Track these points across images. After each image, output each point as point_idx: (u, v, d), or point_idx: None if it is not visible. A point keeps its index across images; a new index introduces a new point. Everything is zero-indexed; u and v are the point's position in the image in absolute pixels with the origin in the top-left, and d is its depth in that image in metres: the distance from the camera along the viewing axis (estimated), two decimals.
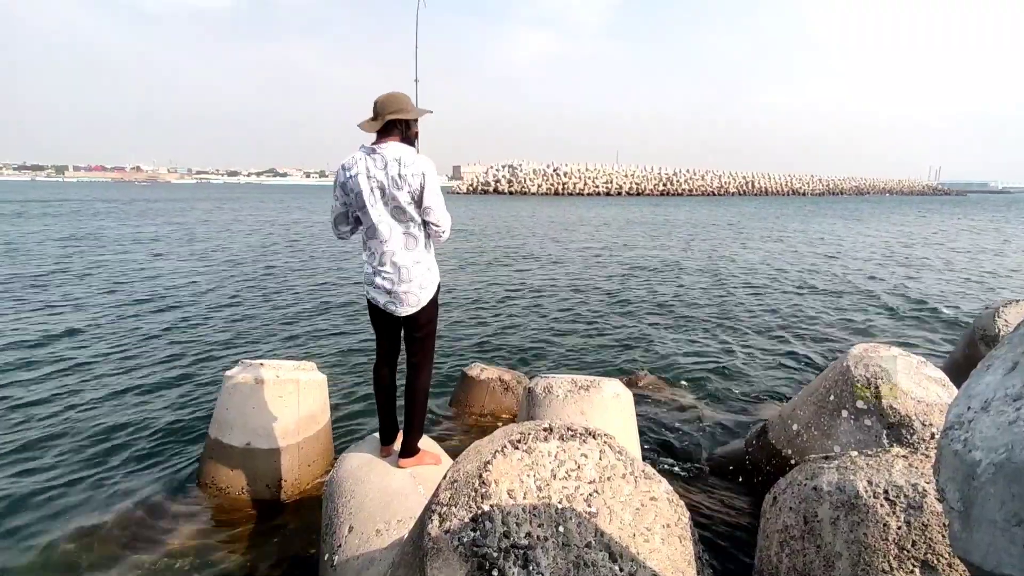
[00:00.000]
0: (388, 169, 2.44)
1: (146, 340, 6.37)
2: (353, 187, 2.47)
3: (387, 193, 2.45)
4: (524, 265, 12.94)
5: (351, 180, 2.48)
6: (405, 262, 2.53)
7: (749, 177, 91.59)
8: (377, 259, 2.55)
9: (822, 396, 3.45)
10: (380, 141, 2.51)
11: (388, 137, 2.51)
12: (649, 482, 1.41)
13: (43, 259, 12.57)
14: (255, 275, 11.04)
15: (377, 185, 2.46)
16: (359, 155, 2.51)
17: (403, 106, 2.53)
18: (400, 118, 2.51)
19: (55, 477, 3.55)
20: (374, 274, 2.56)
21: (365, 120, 2.54)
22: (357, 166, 2.48)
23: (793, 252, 15.91)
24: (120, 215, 27.86)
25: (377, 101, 2.53)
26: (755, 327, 7.37)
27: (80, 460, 3.75)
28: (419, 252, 2.56)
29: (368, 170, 2.46)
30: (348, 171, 2.50)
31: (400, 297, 2.55)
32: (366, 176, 2.46)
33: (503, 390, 4.79)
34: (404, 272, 2.53)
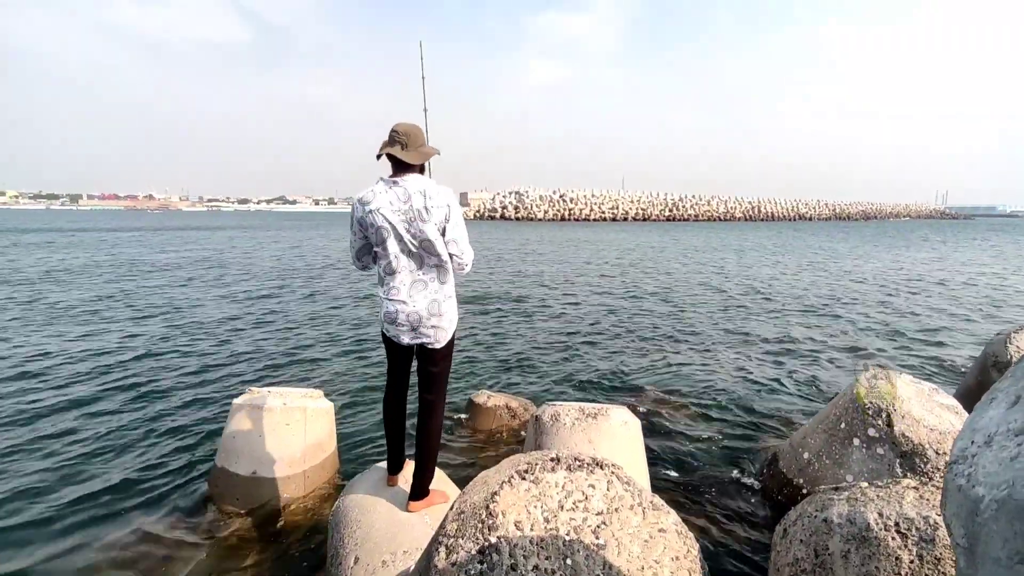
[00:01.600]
0: (412, 202, 2.36)
1: (155, 367, 6.40)
2: (373, 222, 2.38)
3: (412, 227, 2.37)
4: (532, 290, 12.96)
5: (371, 215, 2.38)
6: (432, 296, 2.46)
7: (755, 203, 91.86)
8: (400, 294, 2.45)
9: (833, 424, 3.41)
10: (400, 173, 2.44)
11: (408, 169, 2.45)
12: (658, 513, 1.40)
13: (67, 286, 12.73)
14: (265, 303, 11.11)
15: (401, 219, 2.36)
16: (379, 188, 2.41)
17: (424, 141, 2.50)
18: (425, 152, 2.48)
19: (59, 499, 3.54)
20: (396, 312, 2.46)
21: (393, 148, 2.41)
22: (377, 199, 2.39)
23: (802, 277, 15.86)
24: (139, 244, 28.24)
25: (401, 131, 2.43)
26: (764, 352, 7.32)
27: (86, 483, 3.74)
28: (443, 286, 2.50)
29: (391, 204, 2.37)
30: (367, 205, 2.39)
31: (427, 332, 2.47)
32: (389, 210, 2.37)
33: (510, 417, 4.76)
34: (433, 306, 2.46)
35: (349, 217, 2.52)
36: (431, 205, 2.39)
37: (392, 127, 2.46)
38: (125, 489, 3.73)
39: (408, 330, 2.48)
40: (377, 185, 2.44)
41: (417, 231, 2.39)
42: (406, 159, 2.42)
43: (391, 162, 2.47)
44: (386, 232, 2.39)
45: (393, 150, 2.42)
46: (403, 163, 2.44)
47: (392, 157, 2.43)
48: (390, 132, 2.46)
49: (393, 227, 2.38)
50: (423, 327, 2.48)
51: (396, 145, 2.42)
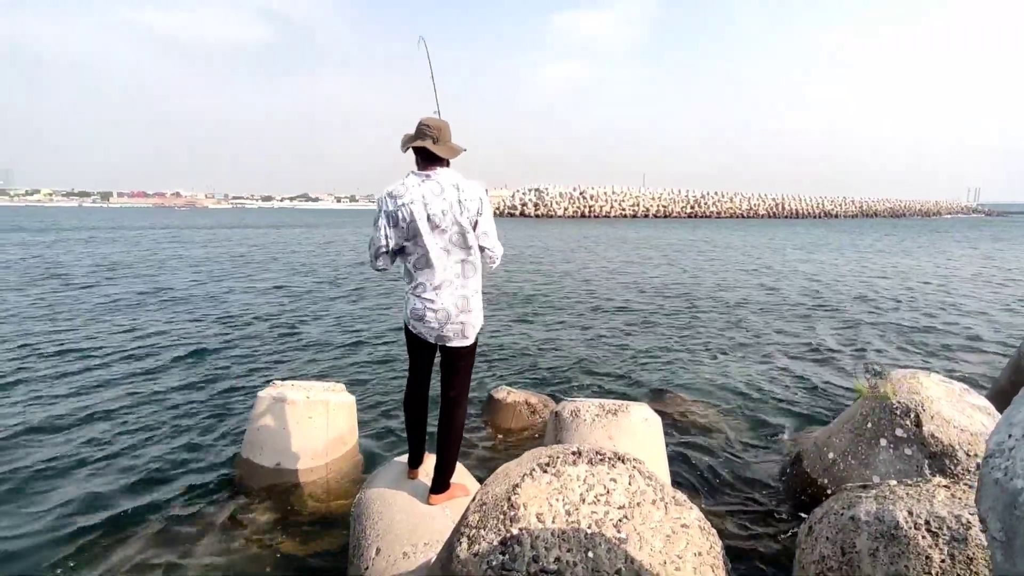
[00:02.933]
0: (446, 195, 2.36)
1: (183, 358, 6.54)
2: (406, 215, 2.34)
3: (445, 220, 2.35)
4: (551, 287, 12.93)
5: (403, 208, 2.35)
6: (463, 292, 2.44)
7: (779, 199, 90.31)
8: (429, 290, 2.42)
9: (859, 424, 3.35)
10: (430, 167, 2.42)
11: (437, 163, 2.44)
12: (680, 509, 1.39)
13: (110, 280, 13.09)
14: (291, 298, 11.28)
15: (435, 213, 2.34)
16: (412, 181, 2.39)
17: (451, 136, 2.49)
18: (455, 148, 2.48)
19: (86, 484, 3.65)
20: (424, 309, 2.43)
21: (424, 141, 2.39)
22: (409, 193, 2.36)
23: (827, 275, 15.56)
24: (170, 240, 28.85)
25: (432, 125, 2.41)
26: (788, 351, 7.20)
27: (115, 470, 3.85)
28: (474, 281, 2.49)
29: (424, 197, 2.35)
30: (398, 199, 2.36)
31: (456, 329, 2.45)
32: (422, 203, 2.35)
33: (530, 413, 4.77)
34: (463, 302, 2.44)
35: (374, 213, 2.46)
36: (464, 198, 2.39)
37: (421, 121, 2.45)
38: (153, 476, 3.82)
39: (436, 327, 2.46)
40: (408, 179, 2.42)
41: (450, 225, 2.37)
42: (439, 152, 2.42)
43: (419, 156, 2.46)
44: (419, 226, 2.35)
45: (425, 143, 2.40)
46: (434, 157, 2.43)
47: (424, 150, 2.42)
48: (418, 126, 2.44)
49: (427, 221, 2.35)
50: (451, 323, 2.45)
51: (427, 139, 2.41)
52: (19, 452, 4.11)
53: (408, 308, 2.50)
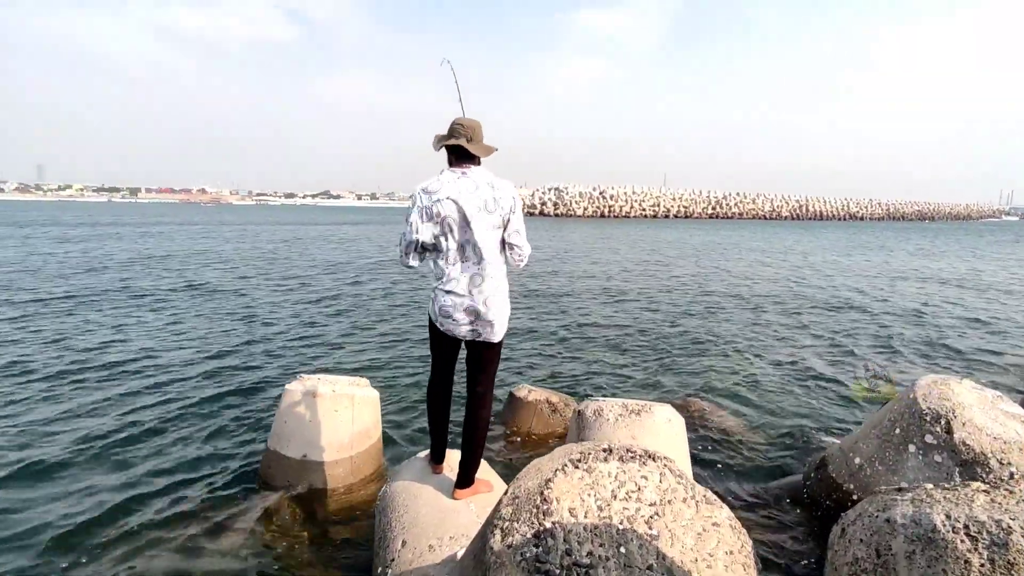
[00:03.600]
0: (481, 192, 2.40)
1: (213, 351, 6.68)
2: (440, 211, 2.38)
3: (479, 217, 2.40)
4: (573, 286, 12.92)
5: (439, 204, 2.39)
6: (492, 288, 2.47)
7: (803, 201, 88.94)
8: (460, 286, 2.44)
9: (887, 429, 3.30)
10: (464, 165, 2.47)
11: (470, 161, 2.49)
12: (711, 507, 1.39)
13: (143, 275, 13.42)
14: (316, 293, 11.44)
15: (470, 209, 2.39)
16: (447, 177, 2.44)
17: (483, 136, 2.54)
18: (488, 148, 2.53)
19: (118, 477, 3.75)
20: (453, 305, 2.45)
21: (459, 140, 2.44)
22: (445, 188, 2.40)
23: (855, 278, 15.29)
24: (203, 236, 29.40)
25: (466, 124, 2.47)
26: (813, 353, 7.11)
27: (144, 460, 3.95)
28: (502, 277, 2.53)
29: (459, 193, 2.39)
30: (433, 194, 2.40)
31: (485, 326, 2.48)
32: (457, 199, 2.39)
33: (551, 412, 4.78)
34: (492, 299, 2.47)
35: (408, 208, 2.48)
36: (497, 196, 2.44)
37: (454, 121, 2.51)
38: (182, 466, 3.92)
39: (465, 323, 2.48)
40: (444, 175, 2.47)
41: (483, 222, 2.42)
42: (474, 151, 2.47)
43: (453, 155, 2.51)
44: (453, 221, 2.40)
45: (459, 142, 2.45)
46: (467, 155, 2.48)
47: (458, 148, 2.47)
48: (452, 126, 2.50)
49: (461, 216, 2.39)
50: (480, 320, 2.48)
51: (462, 138, 2.46)
52: (48, 441, 4.24)
53: (436, 304, 2.51)
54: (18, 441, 4.20)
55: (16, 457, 3.95)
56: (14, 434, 4.31)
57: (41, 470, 3.81)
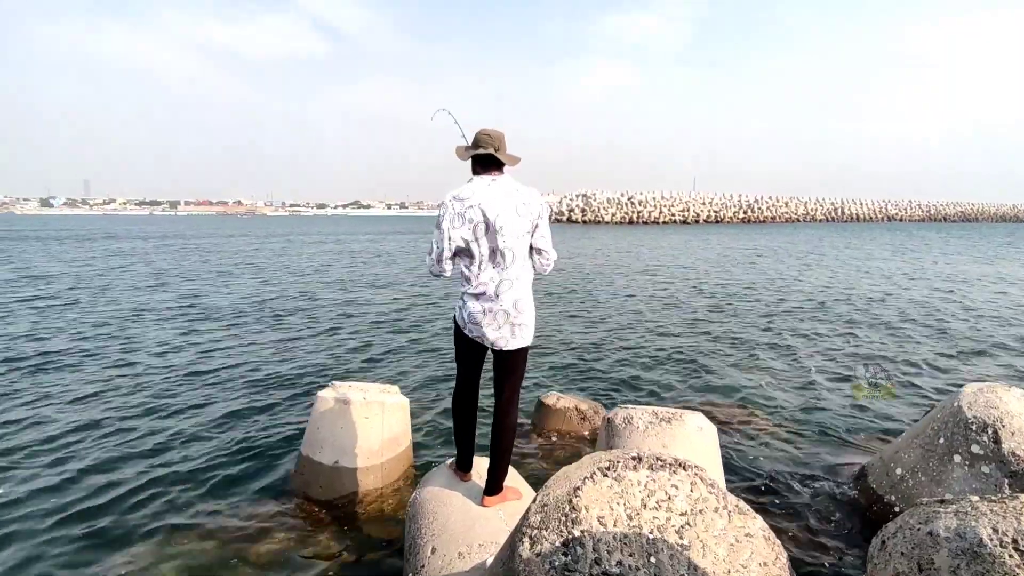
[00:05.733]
0: (511, 198, 2.46)
1: (250, 359, 6.85)
2: (474, 217, 2.42)
3: (508, 223, 2.44)
4: (601, 292, 12.84)
5: (471, 210, 2.43)
6: (520, 294, 2.51)
7: (838, 203, 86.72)
8: (489, 291, 2.47)
9: (930, 439, 3.19)
10: (492, 172, 2.52)
11: (495, 169, 2.54)
12: (744, 518, 1.37)
13: (177, 284, 13.89)
14: (348, 301, 11.64)
15: (501, 215, 2.43)
16: (478, 184, 2.49)
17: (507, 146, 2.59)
18: (514, 157, 2.58)
19: (155, 477, 3.87)
20: (483, 312, 2.48)
21: (488, 149, 2.49)
22: (477, 195, 2.44)
23: (895, 282, 14.81)
24: (253, 248, 30.26)
25: (493, 135, 2.52)
26: (850, 360, 6.90)
27: (182, 464, 4.07)
28: (529, 283, 2.57)
29: (490, 199, 2.44)
30: (465, 201, 2.44)
31: (514, 331, 2.51)
32: (489, 205, 2.43)
33: (580, 419, 4.75)
34: (520, 303, 2.51)
35: (438, 216, 2.51)
36: (526, 201, 2.49)
37: (480, 132, 2.56)
38: (218, 470, 4.02)
39: (494, 329, 2.50)
40: (474, 182, 2.51)
41: (512, 228, 2.46)
42: (504, 159, 2.52)
43: (479, 164, 2.55)
44: (484, 227, 2.44)
45: (489, 151, 2.51)
46: (495, 164, 2.53)
47: (488, 157, 2.52)
48: (479, 136, 2.54)
49: (493, 222, 2.43)
50: (508, 325, 2.50)
51: (490, 147, 2.51)
52: (85, 445, 4.38)
53: (464, 312, 2.54)
54: (64, 441, 4.37)
55: (62, 456, 4.11)
56: (60, 432, 4.48)
57: (83, 470, 3.95)
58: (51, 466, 4.03)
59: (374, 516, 3.43)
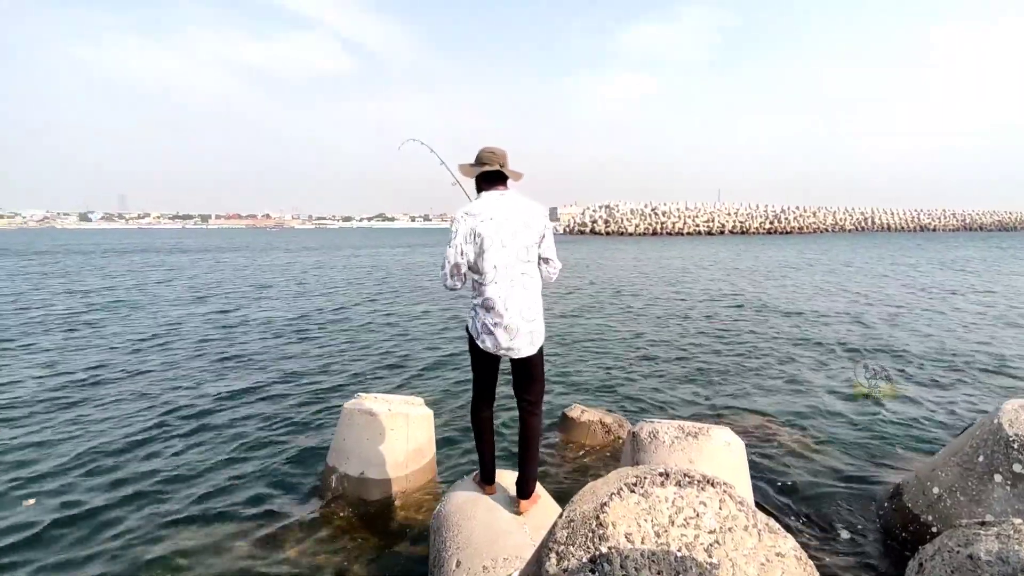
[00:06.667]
0: (519, 211, 2.56)
1: (278, 370, 6.97)
2: (485, 231, 2.50)
3: (517, 235, 2.54)
4: (624, 305, 12.76)
5: (483, 224, 2.51)
6: (529, 302, 2.58)
7: (868, 213, 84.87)
8: (498, 303, 2.53)
9: (968, 457, 3.08)
10: (498, 187, 2.64)
11: (501, 184, 2.65)
12: (774, 536, 1.34)
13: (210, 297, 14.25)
14: (376, 313, 11.78)
15: (512, 228, 2.53)
16: (487, 200, 2.58)
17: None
18: (517, 172, 2.69)
19: (183, 488, 3.94)
20: (495, 324, 2.54)
21: (494, 166, 2.61)
22: (489, 209, 2.54)
23: (931, 294, 14.40)
24: (288, 262, 30.90)
25: (499, 152, 2.63)
26: (885, 375, 6.72)
27: (209, 475, 4.14)
28: (538, 292, 2.65)
29: (501, 213, 2.54)
30: (477, 216, 2.53)
31: (525, 338, 2.58)
32: (500, 219, 2.53)
33: (604, 433, 4.71)
34: (532, 311, 2.58)
35: (451, 232, 2.59)
36: (533, 214, 2.60)
37: (484, 149, 2.66)
38: (247, 479, 4.08)
39: (509, 339, 2.56)
40: (484, 197, 2.61)
41: (520, 240, 2.56)
42: (510, 175, 2.65)
43: (485, 180, 2.65)
44: (495, 240, 2.52)
45: (494, 167, 2.62)
46: (502, 179, 2.65)
47: (495, 174, 2.64)
48: (483, 154, 2.65)
49: (504, 235, 2.52)
50: (523, 334, 2.57)
51: (495, 164, 2.63)
52: (125, 451, 4.51)
53: (478, 323, 2.61)
54: (108, 448, 4.50)
55: (103, 463, 4.23)
56: (104, 441, 4.61)
57: (120, 475, 4.06)
58: (92, 472, 4.15)
59: (399, 527, 3.45)
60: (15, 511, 3.62)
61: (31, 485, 3.96)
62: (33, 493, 3.84)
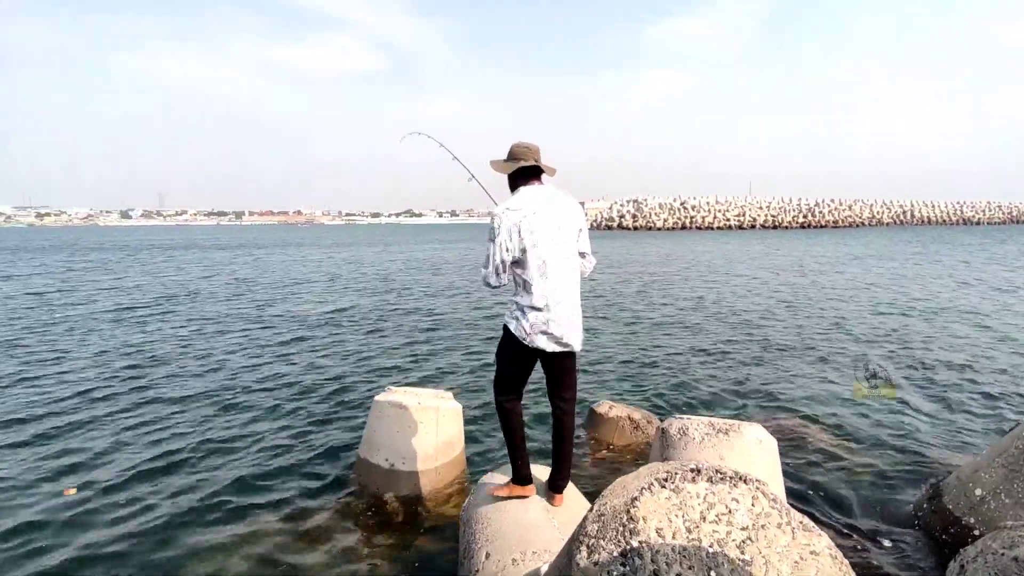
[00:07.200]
0: (557, 206, 2.55)
1: (317, 362, 7.15)
2: (529, 226, 2.46)
3: (560, 230, 2.53)
4: (651, 300, 12.64)
5: (525, 220, 2.46)
6: (574, 296, 2.58)
7: (907, 206, 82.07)
8: (549, 299, 2.49)
9: (1014, 458, 2.98)
10: (534, 182, 2.61)
11: (536, 180, 2.63)
12: (809, 535, 1.33)
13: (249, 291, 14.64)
14: (409, 310, 11.93)
15: (554, 222, 2.52)
16: (527, 195, 2.54)
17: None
18: (551, 167, 2.68)
19: (222, 474, 4.08)
20: (545, 323, 2.49)
21: (524, 162, 2.58)
22: (529, 205, 2.50)
23: (973, 289, 13.89)
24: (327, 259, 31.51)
25: (533, 147, 2.61)
26: (921, 372, 6.51)
27: (245, 465, 4.26)
28: (577, 290, 2.62)
29: (544, 208, 2.51)
30: (519, 212, 2.48)
31: (574, 334, 2.56)
32: (543, 214, 2.50)
33: (632, 429, 4.69)
34: (576, 306, 2.58)
35: (493, 229, 2.51)
36: (571, 208, 2.60)
37: (519, 144, 2.63)
38: (281, 469, 4.18)
39: (557, 335, 2.51)
40: (523, 193, 2.57)
41: (563, 234, 2.54)
42: (546, 170, 2.63)
43: (521, 175, 2.62)
44: (543, 236, 2.49)
45: (529, 162, 2.59)
46: (539, 174, 2.63)
47: (532, 168, 2.61)
48: (517, 149, 2.62)
49: (547, 229, 2.50)
50: (570, 330, 2.55)
51: (530, 159, 2.60)
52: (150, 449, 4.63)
53: (525, 322, 2.51)
54: (148, 439, 4.67)
55: (134, 449, 4.40)
56: (129, 424, 4.80)
57: (155, 470, 4.20)
58: (129, 461, 4.30)
59: (428, 519, 3.50)
60: (57, 498, 3.76)
61: (72, 474, 4.11)
62: (74, 482, 3.98)
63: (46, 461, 4.29)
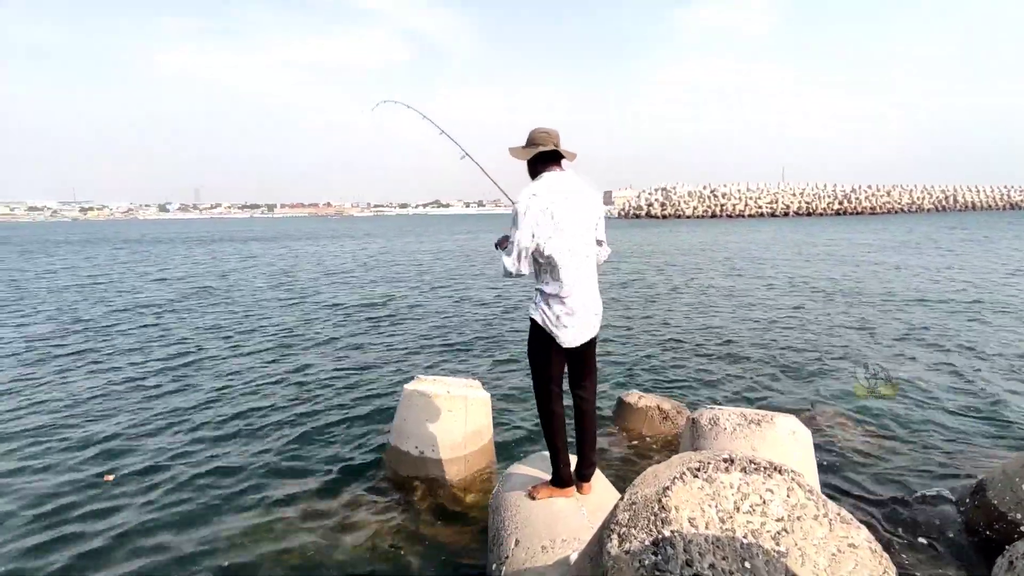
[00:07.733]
0: (579, 191, 2.52)
1: (350, 352, 7.29)
2: (553, 213, 2.42)
3: (582, 216, 2.50)
4: (680, 289, 12.47)
5: (553, 206, 2.43)
6: (594, 284, 2.57)
7: (949, 191, 78.90)
8: (572, 286, 2.46)
9: None
10: (551, 167, 2.55)
11: (556, 165, 2.57)
12: (847, 527, 1.29)
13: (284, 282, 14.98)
14: (439, 298, 12.06)
15: (577, 208, 2.49)
16: (549, 181, 2.49)
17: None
18: (571, 152, 2.63)
19: (258, 460, 4.19)
20: (572, 313, 2.47)
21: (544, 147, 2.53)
22: (551, 192, 2.46)
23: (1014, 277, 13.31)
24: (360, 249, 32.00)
25: (549, 132, 2.56)
26: (963, 362, 6.28)
27: (283, 447, 4.39)
28: (595, 277, 2.61)
29: (567, 195, 2.48)
30: (544, 197, 2.44)
31: (594, 322, 2.55)
32: (567, 201, 2.47)
33: (662, 419, 4.64)
34: (596, 293, 2.57)
35: (516, 216, 2.44)
36: (590, 195, 2.57)
37: (539, 129, 2.58)
38: (314, 456, 4.28)
39: (580, 325, 2.50)
40: (546, 179, 2.51)
41: (587, 219, 2.53)
42: (566, 155, 2.59)
43: (541, 161, 2.56)
44: (569, 222, 2.46)
45: (549, 147, 2.54)
46: (559, 159, 2.59)
47: (552, 153, 2.56)
48: (536, 135, 2.56)
49: (571, 216, 2.47)
50: (595, 311, 2.56)
51: (550, 144, 2.54)
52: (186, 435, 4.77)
53: (552, 313, 2.48)
54: (186, 425, 4.83)
55: (170, 437, 4.55)
56: (166, 411, 4.96)
57: (189, 454, 4.33)
58: (165, 449, 4.45)
59: (457, 506, 3.53)
60: (95, 486, 3.89)
61: (110, 461, 4.25)
62: (112, 468, 4.12)
63: (85, 449, 4.44)
